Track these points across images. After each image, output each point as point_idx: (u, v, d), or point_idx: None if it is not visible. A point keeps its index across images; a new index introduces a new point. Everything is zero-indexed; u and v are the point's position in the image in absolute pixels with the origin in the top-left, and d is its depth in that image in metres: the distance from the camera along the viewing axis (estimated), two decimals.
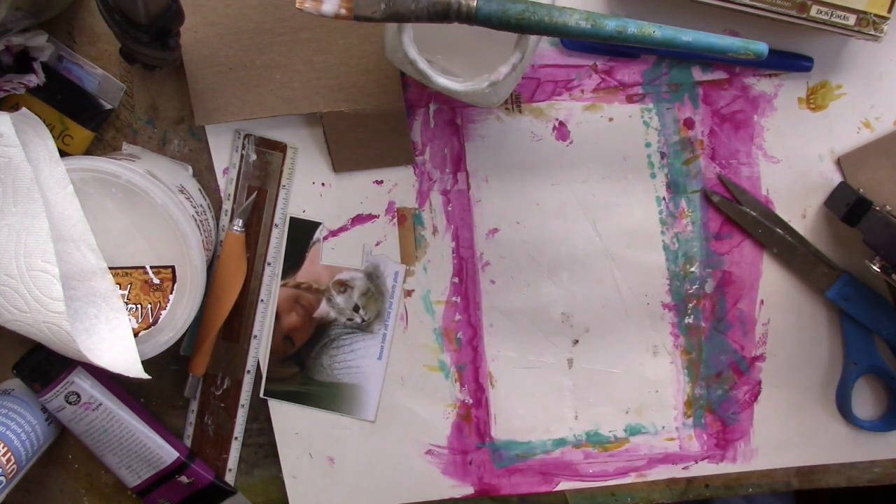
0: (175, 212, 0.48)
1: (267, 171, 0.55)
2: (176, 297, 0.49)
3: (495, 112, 0.55)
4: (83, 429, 0.55)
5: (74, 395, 0.54)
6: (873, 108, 0.55)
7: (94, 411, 0.54)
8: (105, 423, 0.55)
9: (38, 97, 0.53)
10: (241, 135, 0.55)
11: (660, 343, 0.59)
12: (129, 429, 0.55)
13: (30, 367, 0.53)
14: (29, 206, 0.45)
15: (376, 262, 0.57)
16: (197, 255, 0.49)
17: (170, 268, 0.49)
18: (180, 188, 0.51)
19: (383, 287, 0.57)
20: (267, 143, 0.55)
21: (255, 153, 0.55)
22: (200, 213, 0.52)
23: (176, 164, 0.55)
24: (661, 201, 0.57)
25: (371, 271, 0.57)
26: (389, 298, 0.57)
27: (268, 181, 0.55)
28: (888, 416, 0.59)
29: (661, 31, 0.40)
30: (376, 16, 0.40)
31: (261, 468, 0.60)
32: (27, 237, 0.45)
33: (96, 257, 0.47)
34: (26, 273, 0.45)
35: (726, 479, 0.61)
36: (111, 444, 0.55)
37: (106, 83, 0.54)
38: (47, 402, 0.54)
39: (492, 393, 0.59)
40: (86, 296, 0.47)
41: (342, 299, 0.57)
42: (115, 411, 0.55)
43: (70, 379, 0.53)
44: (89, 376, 0.54)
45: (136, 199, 0.48)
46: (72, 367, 0.53)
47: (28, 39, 0.50)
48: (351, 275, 0.57)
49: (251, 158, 0.55)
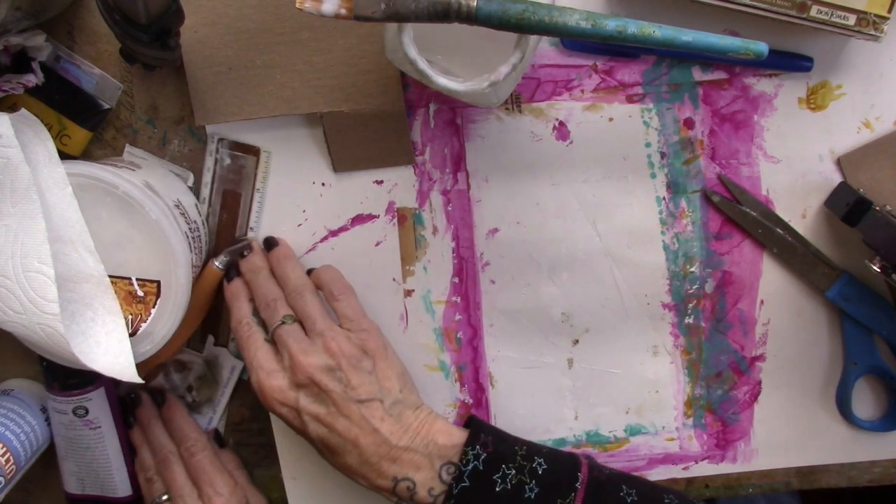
0: (168, 229, 0.48)
1: (241, 174, 0.55)
2: (158, 311, 0.48)
3: (495, 112, 0.55)
4: (67, 435, 0.55)
5: (83, 409, 0.54)
6: (873, 108, 0.55)
7: (91, 430, 0.54)
8: (92, 441, 0.55)
9: (36, 97, 0.53)
10: (214, 139, 0.55)
11: (660, 343, 0.58)
12: (108, 455, 0.56)
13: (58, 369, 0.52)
14: (27, 207, 0.45)
15: (216, 354, 0.58)
16: (183, 274, 0.48)
17: (156, 282, 0.48)
18: (177, 203, 0.51)
19: (219, 377, 0.58)
20: (240, 146, 0.55)
21: (228, 157, 0.55)
22: (194, 229, 0.52)
23: (175, 176, 0.55)
24: (661, 201, 0.57)
25: (210, 360, 0.58)
26: (223, 388, 0.59)
27: (242, 185, 0.55)
28: (888, 416, 0.59)
29: (661, 31, 0.40)
30: (376, 16, 0.40)
31: (261, 468, 0.60)
32: (24, 238, 0.45)
33: (94, 259, 0.47)
34: (22, 274, 0.45)
35: (726, 480, 0.61)
36: (82, 458, 0.56)
37: (104, 83, 0.54)
38: (55, 403, 0.54)
39: (492, 393, 0.59)
40: (82, 298, 0.47)
41: (178, 377, 0.59)
42: (106, 437, 0.55)
43: (88, 396, 0.54)
44: (105, 399, 0.54)
45: (131, 211, 0.47)
46: (95, 386, 0.54)
47: (26, 39, 0.50)
48: (190, 357, 0.58)
49: (225, 162, 0.55)
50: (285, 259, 0.55)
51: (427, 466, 0.50)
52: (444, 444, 0.50)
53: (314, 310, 0.52)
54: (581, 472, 0.50)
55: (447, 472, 0.49)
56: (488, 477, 0.49)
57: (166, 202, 0.49)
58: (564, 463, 0.51)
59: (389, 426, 0.50)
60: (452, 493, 0.49)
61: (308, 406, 0.50)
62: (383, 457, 0.49)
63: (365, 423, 0.49)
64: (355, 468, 0.50)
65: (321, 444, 0.50)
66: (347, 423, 0.49)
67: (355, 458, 0.49)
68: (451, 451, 0.50)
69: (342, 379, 0.50)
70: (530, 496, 0.49)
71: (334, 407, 0.49)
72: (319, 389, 0.49)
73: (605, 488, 0.50)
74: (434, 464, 0.50)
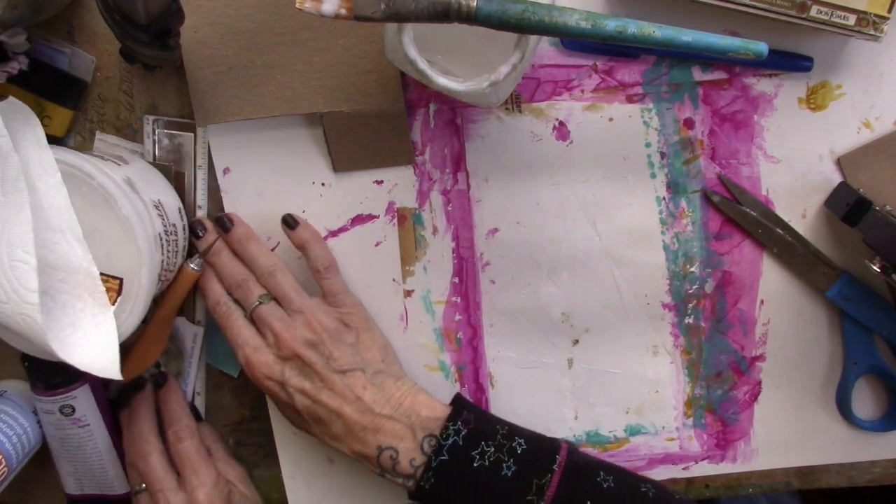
0: (137, 227, 0.47)
1: (181, 153, 0.55)
2: (117, 309, 0.47)
3: (495, 112, 0.55)
4: (58, 436, 0.55)
5: (70, 408, 0.54)
6: (873, 108, 0.55)
7: (80, 428, 0.54)
8: (82, 440, 0.55)
9: (12, 83, 0.52)
10: (150, 120, 0.54)
11: (660, 343, 0.58)
12: (100, 452, 0.55)
13: (42, 368, 0.53)
14: (15, 197, 0.44)
15: (176, 325, 0.58)
16: (147, 276, 0.47)
17: (119, 280, 0.48)
18: (156, 203, 0.50)
19: (183, 347, 0.58)
20: (176, 125, 0.54)
21: (166, 137, 0.55)
22: (171, 232, 0.51)
23: (163, 177, 0.54)
24: (661, 201, 0.57)
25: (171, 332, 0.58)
26: (189, 358, 0.58)
27: (183, 164, 0.55)
28: (888, 416, 0.59)
29: (661, 31, 0.40)
30: (376, 16, 0.40)
31: (261, 468, 0.60)
32: (11, 227, 0.44)
33: (83, 248, 0.46)
34: (7, 263, 0.44)
35: (726, 480, 0.61)
36: (76, 457, 0.55)
37: (75, 58, 0.53)
38: (41, 403, 0.53)
39: (492, 393, 0.59)
40: (73, 289, 0.46)
41: None
42: (96, 434, 0.55)
43: (73, 394, 0.53)
44: (91, 396, 0.54)
45: (104, 204, 0.47)
46: (79, 384, 0.53)
47: (10, 37, 0.50)
48: None
49: (163, 143, 0.55)
50: (247, 240, 0.55)
51: (409, 437, 0.51)
52: (426, 417, 0.52)
53: (289, 289, 0.53)
54: (560, 455, 0.51)
55: (428, 445, 0.51)
56: (467, 453, 0.50)
57: (144, 200, 0.48)
58: (544, 445, 0.52)
59: (372, 394, 0.51)
60: (431, 466, 0.50)
61: (293, 380, 0.51)
62: (367, 426, 0.51)
63: (348, 392, 0.51)
64: (341, 437, 0.51)
65: (307, 415, 0.52)
66: (331, 394, 0.51)
67: (340, 427, 0.51)
68: (433, 423, 0.51)
69: (324, 352, 0.51)
70: (507, 474, 0.50)
71: (318, 379, 0.51)
72: (303, 363, 0.51)
73: (583, 472, 0.51)
74: (416, 434, 0.51)
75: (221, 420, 0.60)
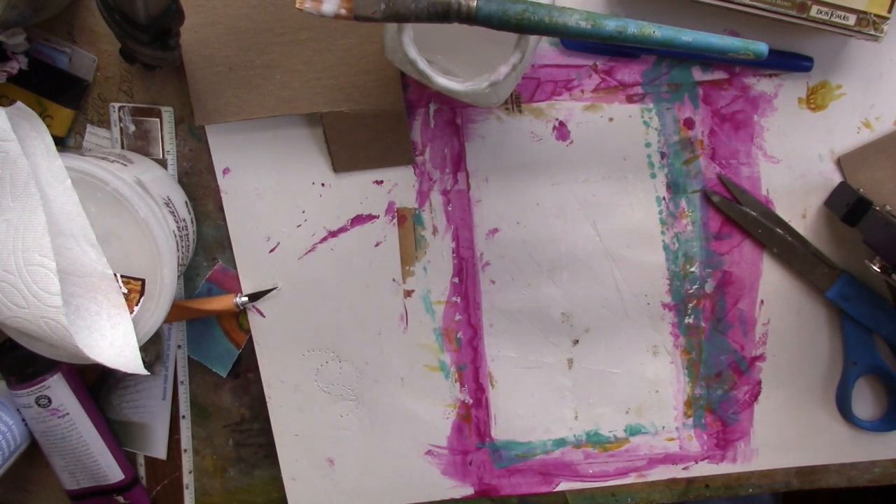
0: (155, 228, 0.47)
1: (148, 139, 0.55)
2: (140, 310, 0.48)
3: (495, 112, 0.55)
4: (42, 429, 0.55)
5: (46, 398, 0.54)
6: (873, 108, 0.55)
7: (60, 419, 0.54)
8: (65, 431, 0.55)
9: (14, 83, 0.52)
10: (115, 108, 0.54)
11: (660, 343, 0.59)
12: (86, 442, 0.56)
13: (12, 361, 0.53)
14: (27, 201, 0.45)
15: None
16: (168, 274, 0.48)
17: (140, 280, 0.48)
18: (166, 200, 0.51)
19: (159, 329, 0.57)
20: (142, 111, 0.54)
21: (132, 123, 0.54)
22: (182, 227, 0.52)
23: (165, 172, 0.55)
24: (661, 201, 0.57)
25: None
26: (167, 341, 0.58)
27: (151, 149, 0.55)
28: (888, 416, 0.59)
29: (661, 31, 0.40)
30: (376, 16, 0.40)
31: (261, 468, 0.60)
32: (25, 232, 0.44)
33: (96, 252, 0.46)
34: (24, 268, 0.45)
35: (726, 480, 0.61)
36: (63, 450, 0.56)
37: (77, 57, 0.53)
38: (17, 397, 0.54)
39: (492, 393, 0.59)
40: (87, 292, 0.47)
41: None
42: (78, 423, 0.55)
43: (47, 384, 0.53)
44: (66, 385, 0.54)
45: (119, 208, 0.47)
46: (51, 373, 0.54)
47: (9, 37, 0.50)
48: None
49: (130, 130, 0.55)
50: None
51: None
52: None
53: None
54: None
55: None
56: None
57: (156, 200, 0.49)
58: None
59: None
60: None
61: None
62: None
63: None
64: None
65: None
66: None
67: None
68: None
69: None
70: None
71: None
72: None
73: None
74: None
75: (221, 420, 0.60)
